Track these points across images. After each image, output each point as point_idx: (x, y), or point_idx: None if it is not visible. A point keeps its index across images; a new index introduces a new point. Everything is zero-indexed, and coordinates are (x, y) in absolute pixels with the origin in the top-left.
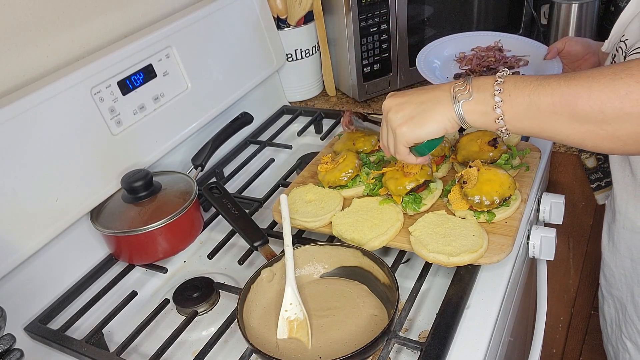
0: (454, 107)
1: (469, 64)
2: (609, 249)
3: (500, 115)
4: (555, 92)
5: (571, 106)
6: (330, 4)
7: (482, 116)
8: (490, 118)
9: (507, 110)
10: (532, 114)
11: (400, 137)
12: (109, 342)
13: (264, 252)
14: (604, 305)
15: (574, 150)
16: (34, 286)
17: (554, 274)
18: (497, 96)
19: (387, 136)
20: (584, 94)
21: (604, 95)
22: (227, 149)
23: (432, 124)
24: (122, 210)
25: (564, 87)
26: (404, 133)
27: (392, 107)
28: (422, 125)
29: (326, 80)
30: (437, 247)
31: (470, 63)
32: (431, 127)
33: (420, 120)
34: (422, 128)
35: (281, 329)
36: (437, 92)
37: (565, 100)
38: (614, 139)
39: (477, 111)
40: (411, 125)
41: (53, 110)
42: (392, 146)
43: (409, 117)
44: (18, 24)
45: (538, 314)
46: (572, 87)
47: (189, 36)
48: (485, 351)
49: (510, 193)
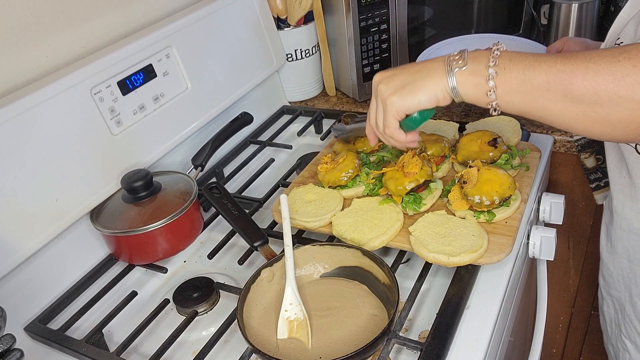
0: (447, 77)
1: None
2: (607, 249)
3: (493, 88)
4: (550, 70)
5: (566, 85)
6: (330, 4)
7: (474, 88)
8: (483, 90)
9: (500, 84)
10: (525, 90)
11: (390, 107)
12: (109, 342)
13: (264, 252)
14: (604, 305)
15: (574, 150)
16: (34, 286)
17: (554, 274)
18: (491, 68)
19: (377, 111)
20: (580, 74)
21: (600, 76)
22: (227, 149)
23: (424, 92)
24: (122, 210)
25: (559, 66)
26: (394, 102)
27: (382, 80)
28: (413, 93)
29: (326, 80)
30: (437, 247)
31: None
32: (423, 95)
33: (411, 89)
34: (413, 97)
35: (281, 329)
36: (430, 63)
37: (560, 79)
38: (604, 122)
39: (469, 82)
40: (402, 94)
41: (53, 110)
42: (382, 121)
43: (400, 86)
44: (18, 24)
45: (538, 314)
46: (568, 66)
47: (189, 36)
48: (485, 351)
49: (510, 193)
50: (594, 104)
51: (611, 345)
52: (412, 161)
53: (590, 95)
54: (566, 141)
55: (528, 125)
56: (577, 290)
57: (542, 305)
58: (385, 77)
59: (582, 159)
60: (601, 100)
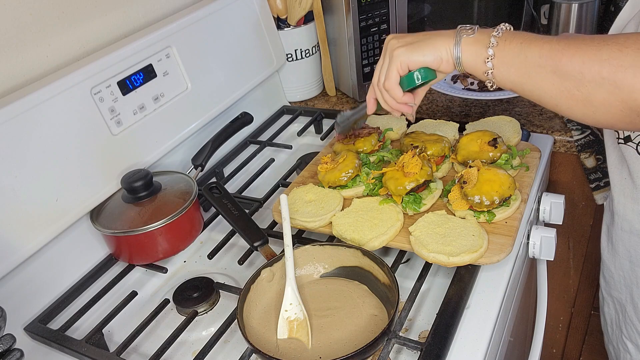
0: (454, 41)
1: None
2: (607, 250)
3: (491, 56)
4: (544, 46)
5: (555, 61)
6: (330, 4)
7: (475, 55)
8: (482, 57)
9: (498, 53)
10: (519, 62)
11: (396, 58)
12: (109, 342)
13: (264, 252)
14: (604, 306)
15: (574, 150)
16: (34, 286)
17: (554, 274)
18: (493, 38)
19: (382, 65)
20: (570, 52)
21: (587, 56)
22: (227, 149)
23: (430, 50)
24: (122, 210)
25: (554, 44)
26: (400, 54)
27: (395, 37)
28: (420, 49)
29: (326, 80)
30: (437, 247)
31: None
32: (429, 52)
33: (419, 45)
34: (420, 52)
35: (281, 329)
36: (442, 31)
37: (551, 54)
38: (587, 102)
39: (472, 50)
40: (409, 48)
41: (53, 110)
42: (384, 73)
43: (409, 42)
44: (18, 24)
45: (538, 314)
46: (561, 44)
47: (189, 36)
48: (485, 351)
49: (510, 193)
50: (578, 82)
51: (612, 346)
52: (412, 161)
53: (576, 73)
54: (566, 141)
55: (528, 125)
56: (577, 290)
57: (542, 305)
58: (399, 35)
59: (582, 159)
60: (585, 79)
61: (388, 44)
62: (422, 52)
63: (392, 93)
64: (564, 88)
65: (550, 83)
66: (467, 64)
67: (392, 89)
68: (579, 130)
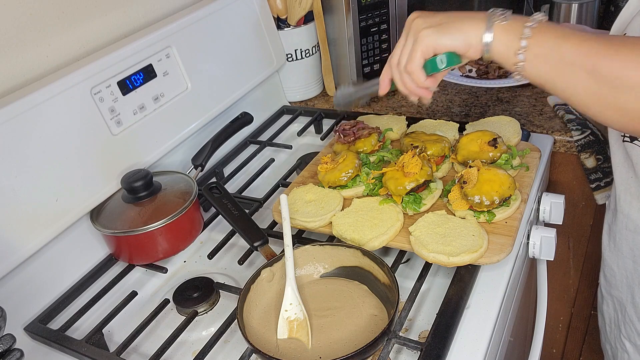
0: (486, 26)
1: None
2: (609, 249)
3: (524, 48)
4: (583, 44)
5: (593, 61)
6: (330, 4)
7: (506, 45)
8: (513, 48)
9: (532, 46)
10: (553, 57)
11: (422, 39)
12: (109, 342)
13: (264, 252)
14: (603, 304)
15: (574, 150)
16: (34, 286)
17: (554, 274)
18: (527, 28)
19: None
20: (609, 54)
21: (628, 62)
22: (227, 149)
23: (459, 33)
24: (122, 210)
25: (592, 42)
26: (427, 35)
27: (420, 15)
28: (448, 32)
29: (326, 80)
30: (437, 247)
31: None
32: (457, 36)
33: (447, 27)
34: (448, 35)
35: (281, 329)
36: (472, 13)
37: (589, 54)
38: (620, 109)
39: (503, 38)
40: (437, 30)
41: (53, 110)
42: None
43: (437, 23)
44: (18, 24)
45: (538, 314)
46: (600, 43)
47: (189, 36)
48: (485, 351)
49: (510, 193)
50: (615, 88)
51: (609, 345)
52: (412, 161)
53: (613, 78)
54: (566, 141)
55: (528, 125)
56: (577, 290)
57: (542, 305)
58: (424, 14)
59: (582, 159)
60: (623, 86)
61: (412, 24)
62: (450, 35)
63: (415, 76)
64: (598, 91)
65: (584, 84)
66: (497, 53)
67: (414, 72)
68: (579, 130)
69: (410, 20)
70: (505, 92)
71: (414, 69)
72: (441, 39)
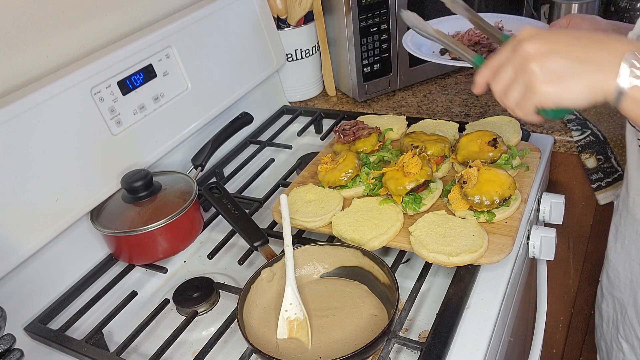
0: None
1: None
2: (615, 251)
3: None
4: None
5: None
6: (330, 4)
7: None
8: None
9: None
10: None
11: (539, 96)
12: (109, 342)
13: (264, 252)
14: (602, 303)
15: (574, 150)
16: (34, 286)
17: (554, 274)
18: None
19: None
20: None
21: None
22: (227, 149)
23: (584, 94)
24: (122, 210)
25: None
26: (546, 93)
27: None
28: (572, 89)
29: (326, 80)
30: (437, 247)
31: (461, 39)
32: (581, 96)
33: (572, 84)
34: (571, 94)
35: (281, 329)
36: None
37: None
38: None
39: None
40: (559, 86)
41: (53, 110)
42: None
43: (558, 75)
44: (18, 24)
45: (538, 314)
46: None
47: (189, 36)
48: (485, 351)
49: (510, 193)
50: None
51: (604, 343)
52: (412, 161)
53: None
54: (566, 141)
55: (528, 125)
56: (577, 290)
57: (542, 305)
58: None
59: (583, 160)
60: None
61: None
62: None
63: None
64: None
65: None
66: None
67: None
68: (579, 130)
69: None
70: None
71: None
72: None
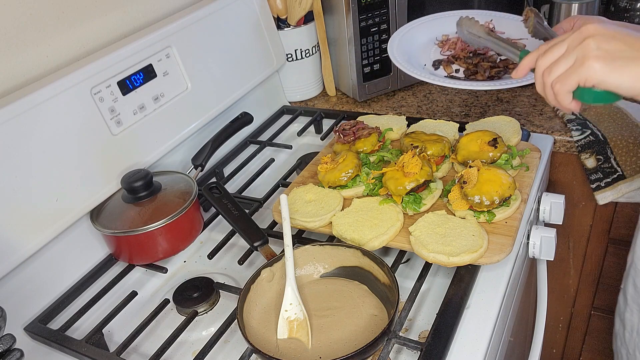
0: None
1: (452, 48)
2: None
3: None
4: None
5: None
6: (330, 4)
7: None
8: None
9: None
10: None
11: (587, 70)
12: (109, 342)
13: (264, 252)
14: (626, 312)
15: (574, 150)
16: (34, 286)
17: (554, 274)
18: None
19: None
20: None
21: None
22: (227, 149)
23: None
24: (122, 210)
25: None
26: (595, 69)
27: (598, 33)
28: (621, 71)
29: (326, 80)
30: (437, 247)
31: (453, 47)
32: (628, 79)
33: (622, 65)
34: (619, 75)
35: (281, 329)
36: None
37: None
38: None
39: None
40: (610, 65)
41: (53, 110)
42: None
43: (612, 54)
44: (18, 24)
45: (538, 314)
46: None
47: (189, 36)
48: (485, 351)
49: (510, 193)
50: None
51: (625, 350)
52: (412, 161)
53: None
54: (566, 141)
55: (528, 125)
56: (577, 290)
57: (542, 305)
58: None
59: (583, 160)
60: None
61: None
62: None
63: (559, 97)
64: None
65: None
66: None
67: (560, 94)
68: (579, 130)
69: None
70: (505, 92)
71: (561, 91)
72: (609, 77)
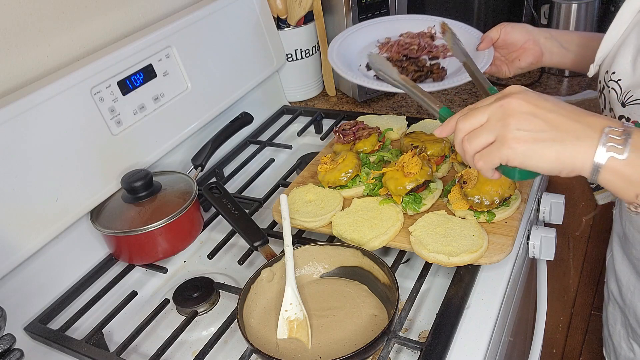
0: (593, 156)
1: (389, 51)
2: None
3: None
4: None
5: None
6: (330, 4)
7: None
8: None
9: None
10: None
11: (507, 151)
12: (109, 342)
13: (264, 252)
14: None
15: None
16: (34, 286)
17: (554, 274)
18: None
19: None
20: None
21: None
22: (227, 149)
23: (553, 162)
24: (122, 210)
25: None
26: (515, 151)
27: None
28: (541, 156)
29: (326, 81)
30: (437, 247)
31: (390, 50)
32: (549, 164)
33: (542, 149)
34: (538, 160)
35: (281, 329)
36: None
37: None
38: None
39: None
40: (531, 148)
41: (53, 110)
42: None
43: (533, 137)
44: (18, 24)
45: (538, 314)
46: None
47: (189, 36)
48: (485, 351)
49: (510, 193)
50: None
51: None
52: (412, 161)
53: None
54: None
55: None
56: (577, 290)
57: (542, 305)
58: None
59: None
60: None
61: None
62: (541, 161)
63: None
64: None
65: None
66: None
67: (484, 171)
68: None
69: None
70: None
71: (484, 168)
72: (529, 160)
